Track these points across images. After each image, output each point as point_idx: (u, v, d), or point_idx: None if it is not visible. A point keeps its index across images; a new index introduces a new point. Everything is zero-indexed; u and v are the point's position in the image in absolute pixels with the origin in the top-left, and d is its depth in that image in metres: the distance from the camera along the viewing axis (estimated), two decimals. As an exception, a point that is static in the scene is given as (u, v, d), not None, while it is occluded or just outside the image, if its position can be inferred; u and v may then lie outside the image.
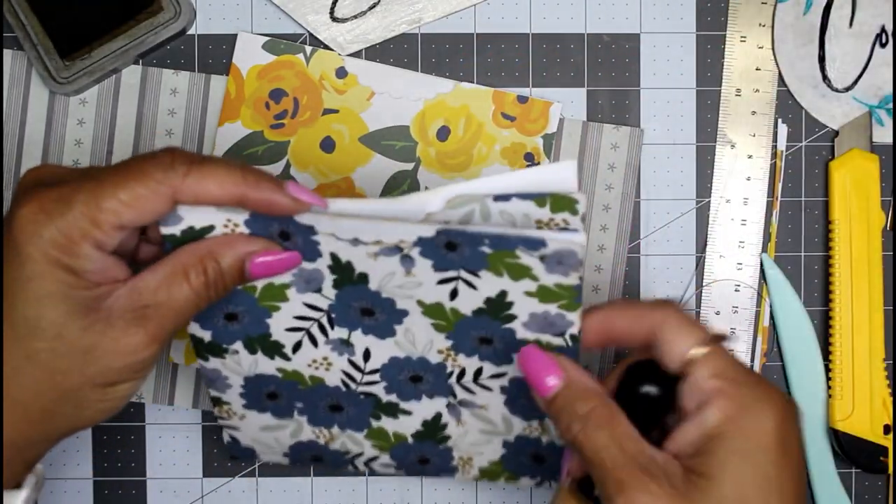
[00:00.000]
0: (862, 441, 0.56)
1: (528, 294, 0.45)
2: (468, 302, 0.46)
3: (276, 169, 0.56)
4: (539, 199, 0.42)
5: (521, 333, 0.46)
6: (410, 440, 0.53)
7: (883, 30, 0.57)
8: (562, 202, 0.42)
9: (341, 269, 0.46)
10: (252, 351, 0.49)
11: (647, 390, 0.45)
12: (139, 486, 0.57)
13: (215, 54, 0.57)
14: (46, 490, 0.57)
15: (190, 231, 0.45)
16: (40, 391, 0.42)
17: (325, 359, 0.49)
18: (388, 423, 0.52)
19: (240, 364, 0.49)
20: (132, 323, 0.42)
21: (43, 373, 0.41)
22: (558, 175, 0.42)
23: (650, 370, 0.45)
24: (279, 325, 0.48)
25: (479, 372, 0.50)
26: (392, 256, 0.45)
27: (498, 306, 0.46)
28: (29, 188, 0.42)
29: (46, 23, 0.54)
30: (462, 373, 0.50)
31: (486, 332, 0.47)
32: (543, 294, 0.44)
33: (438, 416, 0.52)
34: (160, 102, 0.56)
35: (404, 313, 0.47)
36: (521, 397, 0.50)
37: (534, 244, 0.43)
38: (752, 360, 0.57)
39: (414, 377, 0.50)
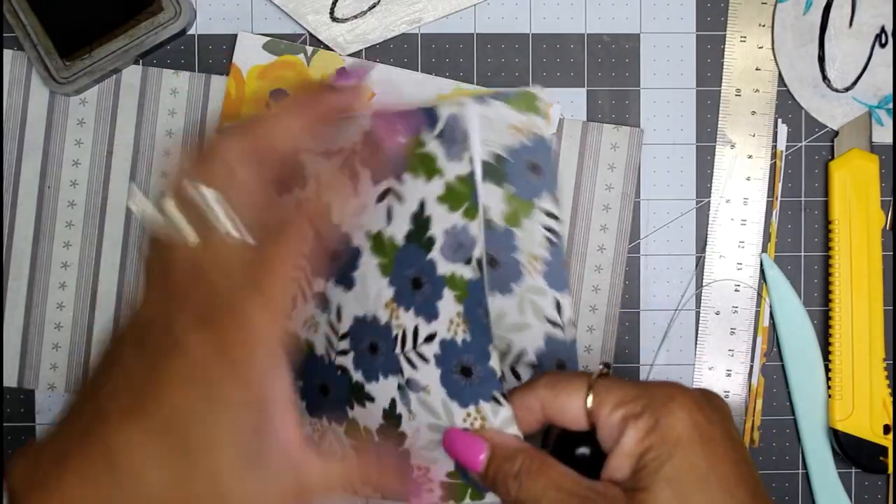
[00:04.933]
0: (862, 441, 0.56)
1: (440, 200, 0.46)
2: (400, 223, 0.47)
3: (276, 169, 0.56)
4: (507, 98, 0.50)
5: (441, 267, 0.47)
6: (376, 437, 0.53)
7: (883, 30, 0.57)
8: (526, 100, 0.50)
9: None
10: None
11: (581, 452, 0.45)
12: (139, 487, 0.57)
13: (215, 54, 0.57)
14: (46, 490, 0.57)
15: None
16: None
17: (312, 317, 0.50)
18: (359, 414, 0.52)
19: None
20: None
21: None
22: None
23: (580, 431, 0.45)
24: None
25: (416, 333, 0.51)
26: None
27: (420, 226, 0.47)
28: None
29: (46, 23, 0.54)
30: (404, 336, 0.51)
31: (416, 270, 0.48)
32: (450, 196, 0.46)
33: (393, 403, 0.53)
34: (160, 102, 0.56)
35: (358, 253, 0.48)
36: (453, 371, 0.50)
37: (432, 117, 0.46)
38: (752, 360, 0.57)
39: (372, 346, 0.51)
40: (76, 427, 0.39)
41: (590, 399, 0.43)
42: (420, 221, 0.47)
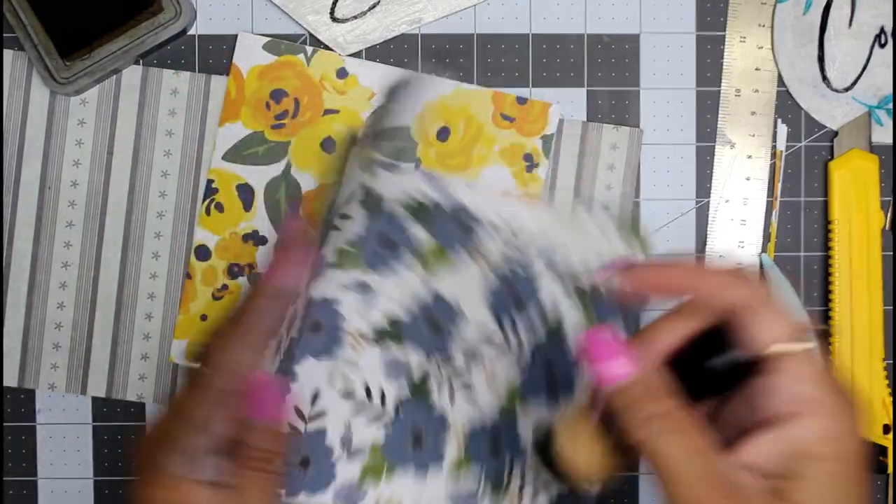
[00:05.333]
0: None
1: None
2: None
3: (276, 169, 0.56)
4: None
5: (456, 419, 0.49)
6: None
7: (882, 30, 0.57)
8: (641, 242, 0.53)
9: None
10: None
11: (714, 364, 0.38)
12: (139, 486, 0.57)
13: (216, 54, 0.57)
14: (47, 490, 0.57)
15: None
16: None
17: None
18: None
19: None
20: None
21: None
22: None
23: (717, 341, 0.38)
24: None
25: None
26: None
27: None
28: None
29: (47, 23, 0.54)
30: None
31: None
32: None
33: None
34: (161, 102, 0.56)
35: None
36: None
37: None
38: (752, 359, 0.57)
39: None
40: None
41: (788, 347, 0.37)
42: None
